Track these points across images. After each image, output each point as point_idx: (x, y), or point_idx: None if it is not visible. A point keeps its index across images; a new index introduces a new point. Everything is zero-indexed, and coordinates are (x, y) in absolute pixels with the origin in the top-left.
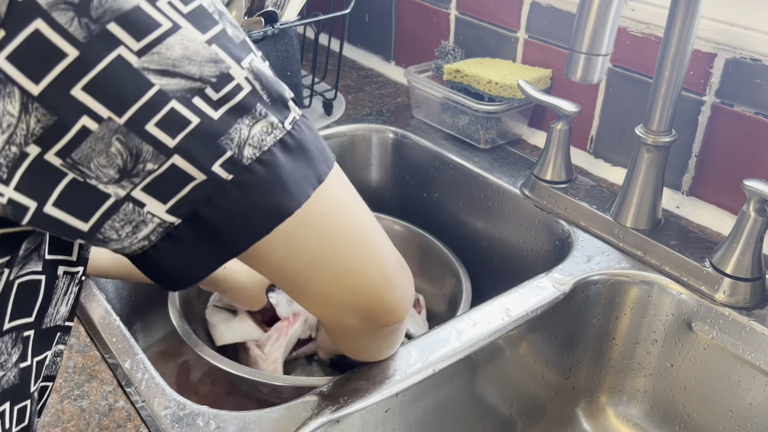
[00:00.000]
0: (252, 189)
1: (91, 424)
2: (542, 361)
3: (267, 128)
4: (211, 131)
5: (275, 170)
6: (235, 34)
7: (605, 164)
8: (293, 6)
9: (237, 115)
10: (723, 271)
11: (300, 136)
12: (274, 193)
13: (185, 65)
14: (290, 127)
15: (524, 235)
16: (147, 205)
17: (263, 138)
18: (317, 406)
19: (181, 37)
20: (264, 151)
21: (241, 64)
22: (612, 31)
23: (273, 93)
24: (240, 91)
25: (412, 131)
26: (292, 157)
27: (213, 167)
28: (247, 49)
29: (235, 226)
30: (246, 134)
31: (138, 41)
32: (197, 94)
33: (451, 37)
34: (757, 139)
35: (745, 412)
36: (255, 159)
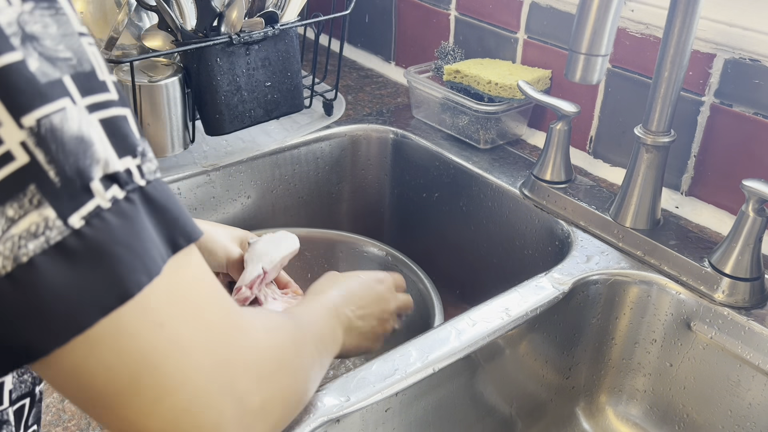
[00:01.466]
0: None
1: (92, 424)
2: (542, 361)
3: (36, 227)
4: None
5: (30, 293)
6: (42, 71)
7: (605, 164)
8: (293, 7)
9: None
10: (722, 271)
11: (97, 236)
12: (23, 325)
13: None
14: (81, 224)
15: (524, 235)
16: None
17: (23, 244)
18: (317, 405)
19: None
20: (20, 264)
21: (20, 120)
22: (611, 31)
23: (67, 167)
24: (8, 162)
25: (412, 131)
26: (72, 271)
27: None
28: (54, 94)
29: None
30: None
31: None
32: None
33: (451, 37)
34: (756, 139)
35: (745, 411)
36: (3, 275)
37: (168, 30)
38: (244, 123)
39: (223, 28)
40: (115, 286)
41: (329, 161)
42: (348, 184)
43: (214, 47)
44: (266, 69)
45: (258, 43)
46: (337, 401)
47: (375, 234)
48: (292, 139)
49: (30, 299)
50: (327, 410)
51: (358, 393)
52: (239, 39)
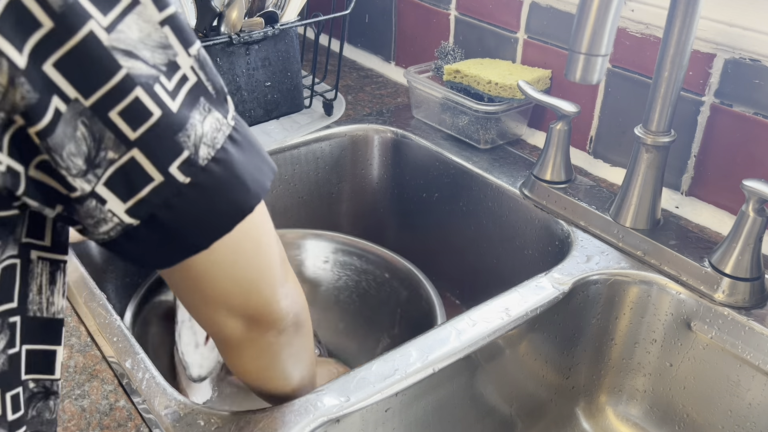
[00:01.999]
0: (210, 190)
1: (92, 424)
2: (542, 361)
3: (215, 124)
4: (170, 126)
5: (231, 168)
6: (184, 19)
7: (605, 164)
8: (293, 6)
9: (189, 109)
10: (722, 271)
11: (243, 130)
12: (232, 191)
13: (141, 49)
14: (234, 123)
15: (524, 235)
16: (108, 202)
17: (215, 135)
18: (317, 405)
19: (138, 15)
20: (218, 149)
21: (188, 51)
22: (611, 31)
23: (216, 85)
24: (186, 81)
25: (412, 131)
26: (243, 152)
27: (170, 169)
28: (194, 35)
29: (195, 227)
30: (200, 131)
31: (104, 15)
32: (156, 81)
33: (451, 37)
34: (756, 139)
35: (745, 411)
36: (210, 158)
37: None
38: None
39: (223, 28)
40: (267, 162)
41: (329, 161)
42: (348, 184)
43: (214, 47)
44: (266, 69)
45: (258, 43)
46: (337, 401)
47: (375, 234)
48: (292, 139)
49: (231, 173)
50: (327, 410)
51: (358, 393)
52: (239, 39)
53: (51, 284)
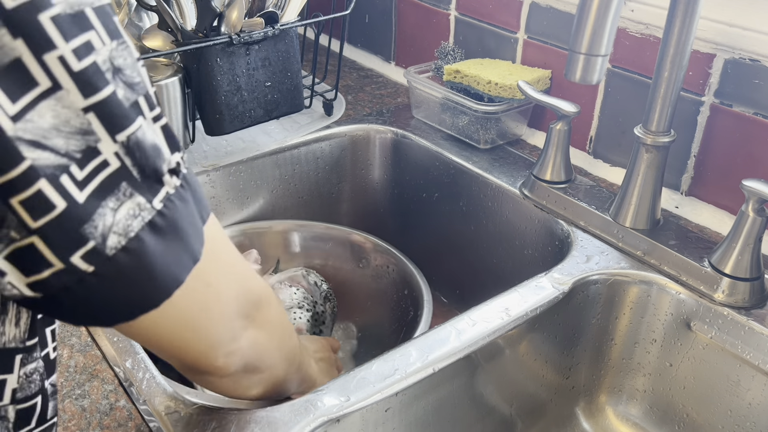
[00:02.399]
0: (114, 280)
1: (92, 424)
2: (542, 361)
3: (134, 210)
4: (75, 218)
5: (142, 259)
6: (125, 96)
7: (604, 164)
8: (293, 7)
9: (102, 197)
10: (722, 271)
11: (172, 215)
12: (140, 283)
13: (53, 137)
14: (161, 206)
15: (524, 235)
16: (8, 275)
17: (129, 223)
18: (317, 405)
19: (56, 101)
20: (130, 238)
21: (115, 137)
22: (611, 31)
23: (146, 168)
24: (106, 167)
25: (412, 131)
26: (162, 240)
27: (72, 258)
28: (135, 113)
29: (96, 311)
30: (111, 220)
31: (13, 103)
32: (65, 171)
33: (451, 37)
34: (756, 139)
35: (745, 411)
36: (119, 248)
37: (168, 30)
38: (244, 123)
39: (223, 28)
40: (189, 251)
41: (329, 161)
42: (348, 184)
43: (214, 47)
44: (266, 69)
45: (258, 43)
46: (337, 401)
47: (375, 234)
48: (292, 139)
49: (142, 264)
50: (327, 410)
51: (358, 393)
52: (239, 39)
53: (2, 314)
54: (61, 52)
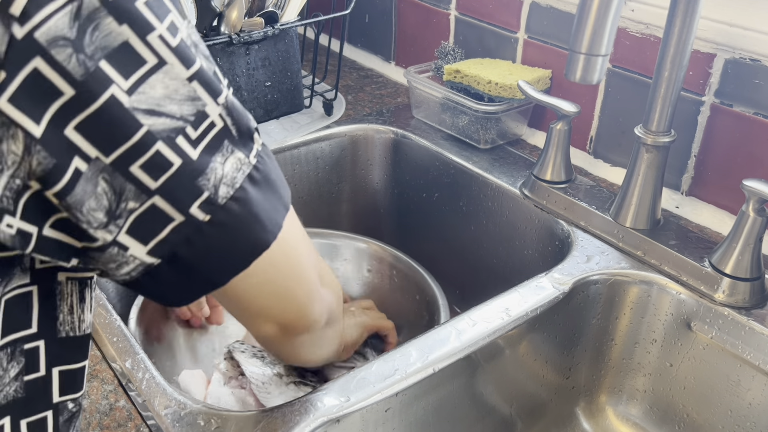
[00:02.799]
0: (228, 227)
1: (92, 424)
2: (542, 361)
3: (236, 164)
4: (190, 172)
5: (249, 206)
6: (209, 67)
7: (605, 164)
8: (293, 6)
9: (212, 153)
10: (722, 271)
11: (264, 168)
12: (250, 228)
13: (167, 104)
14: (255, 161)
15: (524, 235)
16: (130, 248)
17: (235, 175)
18: (317, 405)
19: (164, 74)
20: (236, 188)
21: (217, 100)
22: (611, 31)
23: (241, 127)
24: (213, 128)
25: (412, 131)
26: (260, 191)
27: (191, 209)
28: (219, 81)
29: (214, 263)
30: (220, 173)
31: (126, 80)
32: (180, 133)
33: (451, 37)
34: (757, 139)
35: (745, 411)
36: (229, 197)
37: None
38: None
39: (223, 28)
40: (282, 200)
41: (329, 161)
42: (348, 184)
43: (214, 47)
44: (266, 69)
45: (258, 43)
46: (337, 401)
47: (375, 234)
48: (292, 139)
49: (248, 211)
50: (327, 410)
51: (358, 393)
52: (239, 39)
53: (81, 302)
54: (159, 32)
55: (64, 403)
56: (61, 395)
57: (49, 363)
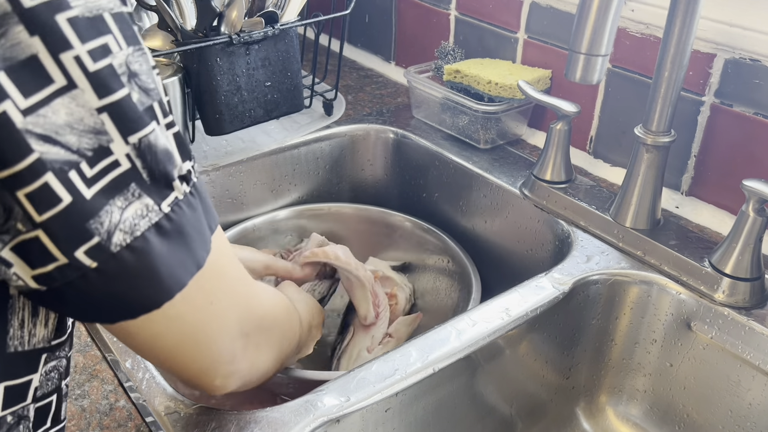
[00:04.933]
0: (117, 278)
1: (92, 424)
2: (542, 361)
3: (141, 210)
4: (80, 213)
5: (146, 259)
6: (140, 100)
7: (605, 164)
8: (293, 6)
9: (110, 195)
10: (722, 271)
11: (178, 219)
12: (143, 283)
13: (66, 134)
14: (168, 210)
15: (524, 235)
16: (14, 266)
17: (136, 222)
18: (317, 405)
19: (71, 99)
20: (136, 236)
21: (127, 139)
22: (611, 31)
23: (157, 172)
24: (116, 168)
25: (412, 131)
26: (167, 243)
27: (76, 253)
28: (149, 117)
29: (99, 307)
30: (117, 218)
31: (26, 98)
32: (73, 168)
33: (451, 37)
34: (757, 139)
35: (745, 411)
36: (124, 246)
37: (168, 30)
38: (244, 123)
39: (223, 28)
40: (193, 257)
41: (329, 161)
42: (348, 184)
43: (214, 47)
44: (266, 69)
45: (258, 43)
46: (337, 401)
47: None
48: (292, 139)
49: (145, 263)
50: (327, 410)
51: (358, 393)
52: (239, 39)
53: (33, 317)
54: (77, 53)
55: (4, 417)
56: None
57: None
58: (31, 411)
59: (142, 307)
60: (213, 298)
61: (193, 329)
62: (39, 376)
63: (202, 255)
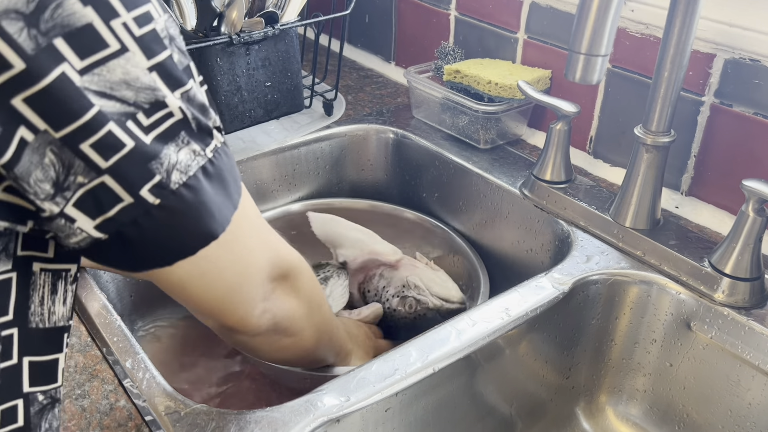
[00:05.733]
0: (178, 213)
1: (92, 424)
2: (542, 361)
3: (191, 155)
4: (142, 155)
5: (200, 195)
6: (180, 60)
7: (604, 164)
8: (293, 7)
9: (165, 141)
10: (722, 271)
11: (219, 164)
12: (200, 216)
13: (122, 89)
14: (211, 155)
15: (524, 235)
16: (77, 221)
17: (189, 163)
18: (317, 405)
19: (125, 60)
20: (190, 176)
21: (175, 93)
22: (611, 31)
23: (201, 121)
24: (170, 118)
25: (412, 131)
26: (212, 184)
27: (141, 191)
28: (187, 76)
29: (160, 245)
30: (174, 159)
31: (81, 60)
32: (131, 118)
33: (451, 37)
34: (756, 139)
35: (745, 411)
36: (182, 183)
37: None
38: (244, 123)
39: (223, 28)
40: (231, 198)
41: (329, 161)
42: (348, 184)
43: (214, 47)
44: (266, 69)
45: (258, 43)
46: (337, 401)
47: None
48: (292, 139)
49: (200, 199)
50: (327, 410)
51: (358, 393)
52: (239, 39)
53: (53, 294)
54: (124, 20)
55: (34, 394)
56: (31, 386)
57: (21, 352)
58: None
59: (200, 239)
60: (252, 245)
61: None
62: (64, 356)
63: (237, 198)
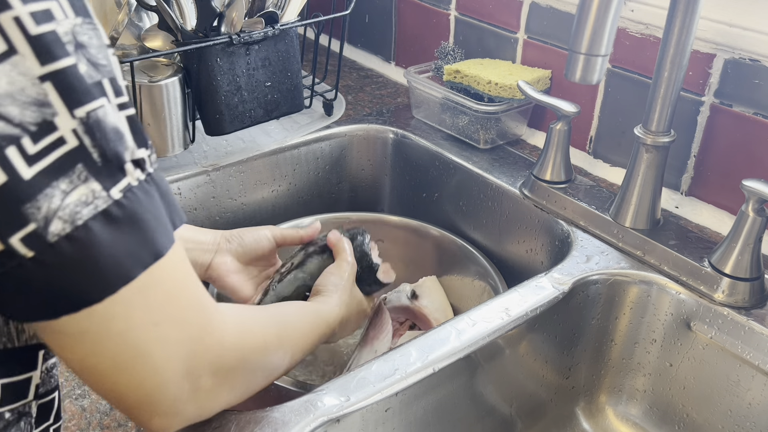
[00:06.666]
0: (54, 270)
1: (92, 423)
2: (542, 361)
3: (86, 197)
4: (16, 195)
5: (87, 250)
6: (89, 74)
7: (604, 164)
8: (293, 7)
9: (53, 177)
10: (722, 271)
11: (131, 207)
12: (83, 275)
13: (6, 104)
14: (120, 196)
15: (524, 235)
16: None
17: (78, 210)
18: (317, 405)
19: (12, 65)
20: (77, 226)
21: (73, 112)
22: (611, 31)
23: (107, 151)
24: (61, 145)
25: (412, 131)
26: (116, 232)
27: (11, 239)
28: (97, 93)
29: (34, 301)
30: (57, 204)
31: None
32: (13, 143)
33: (451, 37)
34: (756, 139)
35: (744, 411)
36: (64, 235)
37: (168, 30)
38: (244, 123)
39: (223, 28)
40: (148, 246)
41: (329, 161)
42: (348, 184)
43: (214, 47)
44: (266, 69)
45: (258, 43)
46: (337, 401)
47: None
48: (292, 139)
49: (86, 255)
50: (327, 410)
51: (358, 393)
52: (239, 39)
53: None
54: (17, 13)
55: (2, 413)
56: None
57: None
58: (34, 408)
59: (77, 303)
60: (158, 319)
61: (133, 346)
62: (39, 373)
63: (164, 243)
